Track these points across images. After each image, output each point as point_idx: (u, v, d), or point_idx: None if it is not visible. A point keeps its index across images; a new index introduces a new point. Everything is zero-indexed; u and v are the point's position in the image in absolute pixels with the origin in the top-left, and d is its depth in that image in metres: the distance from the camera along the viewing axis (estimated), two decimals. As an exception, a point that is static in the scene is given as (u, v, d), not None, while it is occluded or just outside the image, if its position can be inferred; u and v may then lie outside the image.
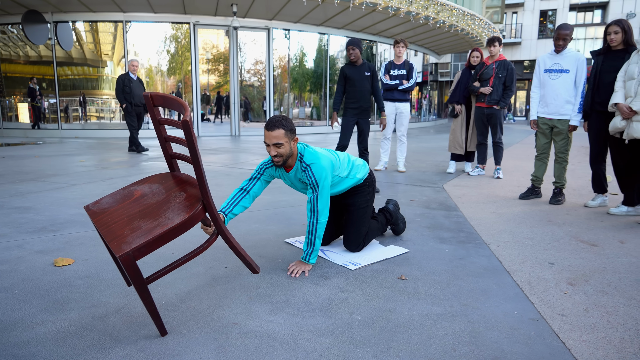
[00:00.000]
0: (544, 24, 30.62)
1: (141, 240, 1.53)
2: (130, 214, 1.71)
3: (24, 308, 1.84)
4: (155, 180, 1.95)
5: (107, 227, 1.66)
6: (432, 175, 5.62)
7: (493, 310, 1.90)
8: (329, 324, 1.76)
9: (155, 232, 1.56)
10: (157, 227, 1.59)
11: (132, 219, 1.67)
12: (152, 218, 1.65)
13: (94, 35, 11.83)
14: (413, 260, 2.52)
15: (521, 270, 2.38)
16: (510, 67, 5.35)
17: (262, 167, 2.38)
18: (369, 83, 4.90)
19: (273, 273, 2.28)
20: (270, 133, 2.16)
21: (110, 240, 1.57)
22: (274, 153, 2.18)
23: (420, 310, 1.89)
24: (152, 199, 1.80)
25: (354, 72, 4.87)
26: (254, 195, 2.34)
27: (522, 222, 3.42)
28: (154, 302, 1.62)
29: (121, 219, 1.68)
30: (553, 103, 3.94)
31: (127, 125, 7.86)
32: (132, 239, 1.55)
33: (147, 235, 1.55)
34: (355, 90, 4.87)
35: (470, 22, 14.66)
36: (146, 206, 1.74)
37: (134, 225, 1.63)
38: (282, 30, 12.95)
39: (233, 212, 2.27)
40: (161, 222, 1.62)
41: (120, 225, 1.64)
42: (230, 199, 2.30)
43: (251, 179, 2.36)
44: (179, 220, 1.61)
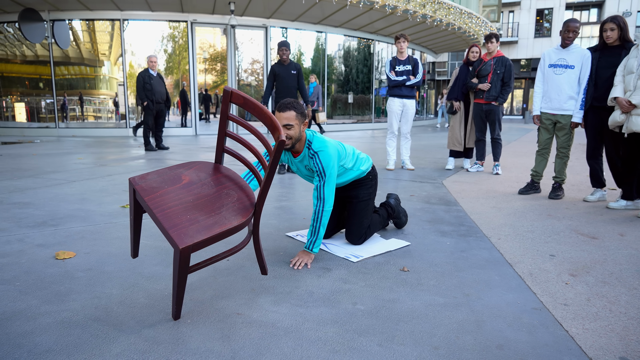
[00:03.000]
0: (540, 22, 30.74)
1: (202, 236, 1.55)
2: (183, 201, 1.69)
3: (27, 299, 1.83)
4: (201, 168, 1.94)
5: (162, 211, 1.61)
6: (431, 172, 5.63)
7: (496, 300, 1.91)
8: (333, 313, 1.76)
9: (214, 230, 1.59)
10: (215, 225, 1.61)
11: (187, 209, 1.65)
12: (208, 213, 1.67)
13: (90, 35, 11.79)
14: (415, 252, 2.52)
15: (522, 262, 2.39)
16: (508, 63, 5.37)
17: None
18: (295, 80, 5.65)
19: (275, 265, 2.28)
20: (282, 114, 2.19)
21: (169, 227, 1.56)
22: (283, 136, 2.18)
23: (423, 301, 1.89)
24: (202, 189, 1.79)
25: (282, 70, 5.59)
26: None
27: (522, 216, 3.43)
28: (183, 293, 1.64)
29: (175, 204, 1.66)
30: (556, 98, 3.95)
31: (143, 123, 7.77)
32: (193, 232, 1.56)
33: (208, 232, 1.58)
34: (284, 86, 5.60)
35: (468, 20, 14.69)
36: (198, 196, 1.74)
37: (190, 216, 1.62)
38: (279, 28, 12.93)
39: None
40: (219, 221, 1.64)
41: (177, 212, 1.62)
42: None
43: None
44: (237, 223, 1.66)
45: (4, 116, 12.43)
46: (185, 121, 13.18)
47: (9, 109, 12.49)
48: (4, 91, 12.34)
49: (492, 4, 26.32)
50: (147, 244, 2.57)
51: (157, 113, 7.65)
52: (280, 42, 5.64)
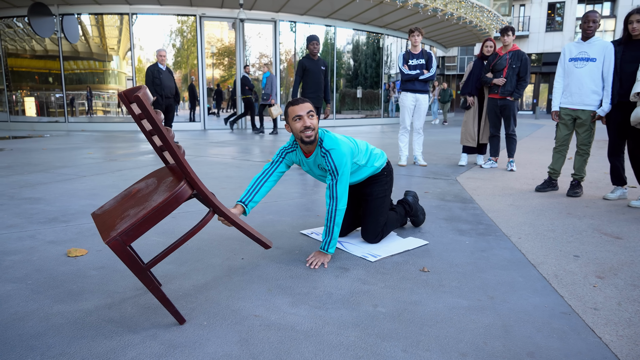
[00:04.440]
0: (552, 16, 30.27)
1: (127, 224, 1.49)
2: (125, 208, 1.67)
3: (39, 299, 1.79)
4: (152, 175, 1.93)
5: (102, 224, 1.62)
6: (444, 168, 5.54)
7: (522, 303, 1.83)
8: (354, 316, 1.70)
9: (139, 215, 1.51)
10: (142, 210, 1.55)
11: (124, 211, 1.63)
12: (139, 205, 1.62)
13: (99, 29, 11.77)
14: (434, 252, 2.45)
15: (546, 263, 2.30)
16: (525, 57, 5.24)
17: (282, 151, 2.33)
18: (323, 76, 5.64)
19: (291, 264, 2.22)
20: (302, 105, 2.18)
21: (101, 232, 1.53)
22: (308, 123, 2.13)
23: (447, 303, 1.82)
24: (146, 190, 1.76)
25: (312, 65, 5.55)
26: (279, 175, 2.32)
27: (541, 214, 3.34)
28: (160, 288, 1.56)
29: (116, 213, 1.66)
30: (577, 93, 3.83)
31: None
32: (119, 226, 1.51)
33: (133, 218, 1.51)
34: (314, 82, 5.58)
35: (479, 14, 14.48)
36: (139, 198, 1.71)
37: (124, 215, 1.59)
38: (288, 22, 12.83)
39: (254, 200, 2.22)
40: (146, 206, 1.58)
41: (114, 218, 1.61)
42: (250, 186, 2.25)
43: (273, 163, 2.32)
44: (162, 199, 1.56)
45: (14, 110, 12.48)
46: (193, 116, 13.15)
47: (19, 103, 12.54)
48: (14, 86, 12.38)
49: (503, -3, 25.95)
50: (158, 240, 2.52)
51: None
52: (310, 36, 5.55)
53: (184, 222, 2.93)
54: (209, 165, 5.42)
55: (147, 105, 1.51)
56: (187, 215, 3.09)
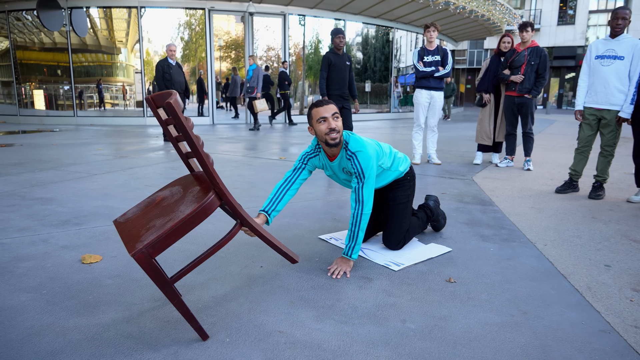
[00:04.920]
0: (564, 9, 29.78)
1: (153, 235, 1.43)
2: (150, 217, 1.61)
3: (55, 311, 1.73)
4: (176, 183, 1.86)
5: (126, 233, 1.56)
6: (458, 167, 5.43)
7: (557, 319, 1.74)
8: (382, 333, 1.62)
9: (167, 227, 1.45)
10: (169, 222, 1.49)
11: (150, 221, 1.57)
12: (166, 215, 1.55)
13: (107, 22, 11.70)
14: (458, 260, 2.36)
15: (577, 273, 2.21)
16: (544, 54, 5.10)
17: (305, 156, 2.25)
18: (348, 72, 5.30)
19: (312, 273, 2.15)
20: (326, 106, 2.11)
21: (126, 242, 1.47)
22: (334, 125, 2.05)
23: (478, 319, 1.74)
24: (171, 199, 1.70)
25: (338, 60, 5.21)
26: (301, 182, 2.26)
27: (565, 218, 3.23)
28: (184, 303, 1.50)
29: (141, 222, 1.59)
30: (603, 92, 3.70)
31: None
32: (145, 237, 1.45)
33: (159, 230, 1.45)
34: (339, 78, 5.23)
35: (492, 7, 14.24)
36: (165, 207, 1.64)
37: (149, 225, 1.53)
38: (297, 16, 12.68)
39: (277, 210, 2.15)
40: (173, 217, 1.52)
41: (138, 227, 1.55)
42: (273, 195, 2.17)
43: (295, 170, 2.24)
44: (190, 210, 1.49)
45: (23, 103, 12.48)
46: (202, 110, 13.09)
47: (27, 95, 12.53)
48: (22, 78, 12.37)
49: (515, -10, 25.53)
50: (174, 246, 2.46)
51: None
52: (336, 29, 5.25)
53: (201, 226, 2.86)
54: (219, 164, 5.35)
55: (179, 113, 1.43)
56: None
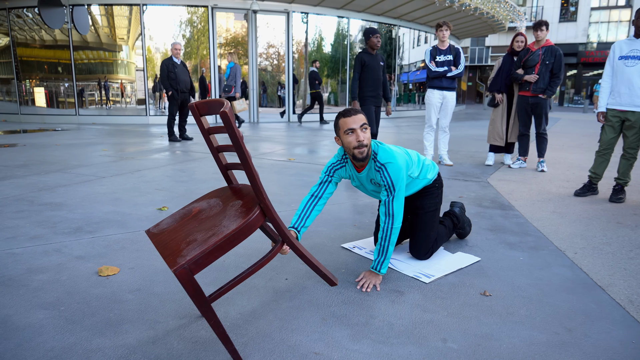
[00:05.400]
0: (566, 6, 29.66)
1: (196, 251, 1.35)
2: (189, 230, 1.53)
3: (76, 330, 1.63)
4: (213, 195, 1.78)
5: (164, 245, 1.47)
6: (470, 168, 5.34)
7: (605, 338, 1.65)
8: (424, 354, 1.53)
9: (210, 242, 1.38)
10: (212, 237, 1.41)
11: (189, 234, 1.49)
12: (208, 229, 1.47)
13: (109, 19, 11.56)
14: (489, 270, 2.27)
15: (615, 285, 2.12)
16: (559, 53, 5.00)
17: (330, 168, 2.14)
18: (381, 73, 5.06)
19: (341, 287, 2.05)
20: (355, 117, 1.98)
21: (166, 256, 1.39)
22: (362, 138, 1.94)
23: (522, 337, 1.65)
24: (210, 212, 1.61)
25: (372, 60, 4.97)
26: (327, 197, 2.14)
27: (590, 223, 3.14)
28: (221, 324, 1.42)
29: (179, 235, 1.51)
30: (627, 93, 3.60)
31: (167, 113, 7.53)
32: (187, 252, 1.36)
33: (203, 245, 1.38)
34: (374, 78, 4.98)
35: (496, 4, 14.12)
36: (203, 220, 1.56)
37: (190, 239, 1.45)
38: (300, 13, 12.55)
39: (305, 226, 2.05)
40: (217, 232, 1.44)
41: (177, 241, 1.47)
42: (301, 211, 2.07)
43: (321, 183, 2.13)
44: (235, 226, 1.42)
45: (24, 100, 12.36)
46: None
47: (28, 93, 12.41)
48: (23, 75, 12.24)
49: (518, -13, 25.41)
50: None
51: (181, 103, 7.42)
52: (372, 29, 4.97)
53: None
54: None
55: (233, 123, 1.35)
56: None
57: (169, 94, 7.18)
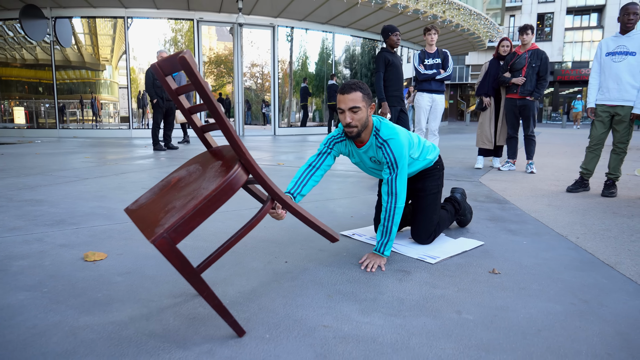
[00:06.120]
0: (541, 27, 30.71)
1: (175, 218, 1.22)
2: (167, 199, 1.40)
3: (60, 309, 1.50)
4: (192, 161, 1.64)
5: (142, 219, 1.34)
6: (461, 171, 5.33)
7: (623, 307, 1.59)
8: (439, 325, 1.44)
9: (189, 206, 1.24)
10: (191, 201, 1.27)
11: (168, 203, 1.35)
12: (188, 195, 1.34)
13: (92, 38, 11.42)
14: (494, 253, 2.21)
15: (623, 263, 2.07)
16: (545, 56, 5.08)
17: (330, 140, 2.07)
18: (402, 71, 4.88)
19: (344, 267, 1.95)
20: (346, 96, 1.87)
21: (144, 229, 1.26)
22: (349, 120, 1.87)
23: (539, 308, 1.57)
24: (190, 179, 1.48)
25: (395, 58, 4.77)
26: (325, 169, 2.04)
27: (587, 214, 3.12)
28: (216, 295, 1.30)
29: (157, 206, 1.37)
30: (615, 88, 3.64)
31: (152, 121, 7.34)
32: (165, 221, 1.23)
33: (181, 211, 1.24)
34: (397, 77, 4.80)
35: (476, 21, 14.49)
36: (183, 187, 1.43)
37: (168, 207, 1.32)
38: (286, 28, 12.65)
39: (302, 193, 1.96)
40: (196, 195, 1.30)
41: (156, 212, 1.33)
42: (298, 178, 1.99)
43: (319, 154, 2.05)
44: (214, 186, 1.29)
45: (3, 119, 12.04)
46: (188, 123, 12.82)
47: (7, 112, 12.09)
48: (2, 95, 11.94)
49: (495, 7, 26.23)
50: (187, 244, 2.24)
51: (166, 111, 7.30)
52: (389, 27, 4.77)
53: (211, 224, 2.65)
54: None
55: (195, 70, 1.24)
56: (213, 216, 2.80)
57: (154, 102, 7.05)
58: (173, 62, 1.36)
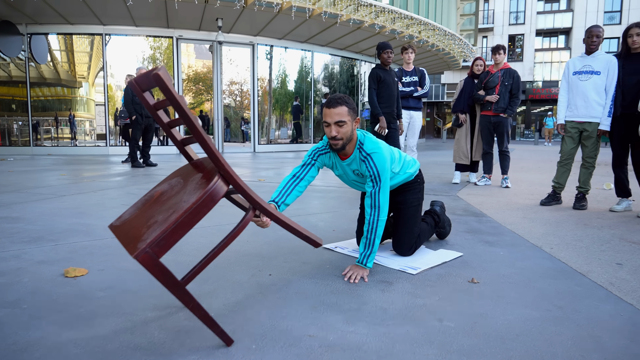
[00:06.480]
0: (512, 48, 31.85)
1: (157, 232, 1.23)
2: (150, 214, 1.41)
3: (42, 325, 1.47)
4: (174, 175, 1.66)
5: (125, 235, 1.35)
6: (439, 186, 5.44)
7: (595, 312, 1.66)
8: (422, 332, 1.48)
9: (170, 220, 1.26)
10: (172, 215, 1.29)
11: (150, 218, 1.37)
12: (169, 208, 1.36)
13: (68, 55, 11.29)
14: (473, 263, 2.27)
15: (594, 272, 2.16)
16: (516, 75, 5.30)
17: (315, 152, 2.12)
18: (396, 89, 4.99)
19: (327, 279, 1.98)
20: (332, 110, 1.92)
21: (127, 244, 1.27)
22: (334, 133, 1.92)
23: (516, 315, 1.63)
24: (172, 192, 1.50)
25: (387, 75, 4.86)
26: (309, 180, 2.09)
27: (559, 225, 3.24)
28: (202, 306, 1.31)
29: (140, 221, 1.39)
30: (583, 105, 3.83)
31: (131, 138, 7.22)
32: (147, 235, 1.25)
33: (163, 225, 1.26)
34: (389, 94, 4.88)
35: (451, 41, 14.96)
36: (165, 201, 1.45)
37: (150, 222, 1.33)
38: (266, 46, 12.79)
39: (286, 203, 1.99)
40: (177, 208, 1.32)
41: (138, 227, 1.35)
42: (282, 187, 2.02)
43: (304, 165, 2.10)
44: (195, 198, 1.30)
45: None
46: (166, 140, 12.71)
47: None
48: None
49: (469, 28, 27.15)
50: (169, 259, 2.23)
51: (145, 128, 7.25)
52: (382, 44, 4.88)
53: (193, 239, 2.64)
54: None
55: (169, 86, 1.27)
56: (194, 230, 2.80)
57: (132, 119, 6.99)
58: (149, 77, 1.39)
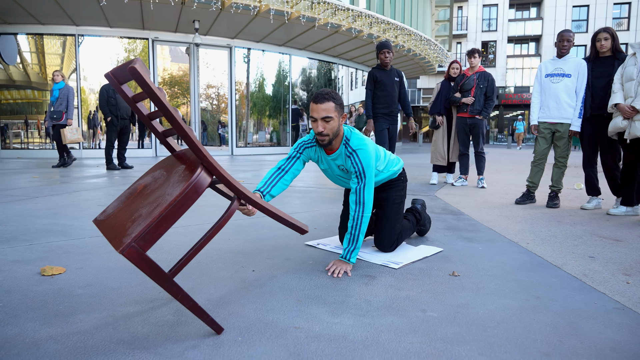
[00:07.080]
0: (485, 54, 32.62)
1: (141, 226, 1.23)
2: (134, 208, 1.39)
3: (19, 322, 1.43)
4: (157, 167, 1.64)
5: (109, 229, 1.34)
6: (417, 186, 5.52)
7: (571, 301, 1.72)
8: (406, 322, 1.50)
9: (155, 214, 1.26)
10: (157, 208, 1.28)
11: (134, 212, 1.36)
12: (153, 202, 1.35)
13: (39, 56, 10.97)
14: (452, 257, 2.32)
15: (568, 264, 2.24)
16: (491, 78, 5.44)
17: (300, 145, 2.12)
18: (397, 88, 4.94)
19: (311, 274, 1.99)
20: (319, 105, 1.93)
21: (112, 239, 1.26)
22: (321, 129, 1.93)
23: (496, 305, 1.67)
24: (155, 185, 1.49)
25: (384, 76, 4.84)
26: (294, 173, 2.09)
27: (534, 222, 3.33)
28: (190, 296, 1.31)
29: (125, 215, 1.37)
30: (555, 107, 3.96)
31: (106, 140, 7.03)
32: (132, 230, 1.24)
33: (147, 219, 1.26)
34: (386, 95, 4.86)
35: (426, 46, 15.22)
36: (149, 194, 1.43)
37: (135, 216, 1.32)
38: (243, 49, 12.74)
39: (271, 194, 2.00)
40: (161, 202, 1.31)
41: (123, 221, 1.33)
42: (268, 178, 2.02)
43: (289, 158, 2.10)
44: (178, 191, 1.30)
45: None
46: (143, 143, 12.50)
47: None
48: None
49: (444, 34, 27.68)
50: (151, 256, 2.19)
51: (121, 130, 7.10)
52: (381, 43, 4.84)
53: (174, 237, 2.60)
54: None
55: (147, 79, 1.25)
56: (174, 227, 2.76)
57: (107, 120, 6.85)
58: (125, 70, 1.36)
